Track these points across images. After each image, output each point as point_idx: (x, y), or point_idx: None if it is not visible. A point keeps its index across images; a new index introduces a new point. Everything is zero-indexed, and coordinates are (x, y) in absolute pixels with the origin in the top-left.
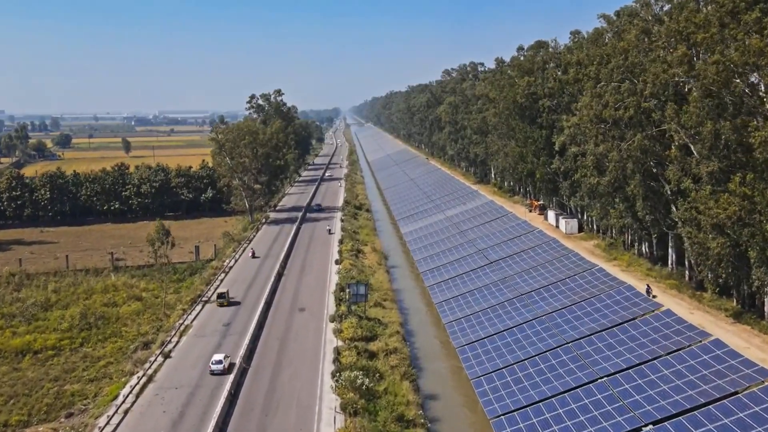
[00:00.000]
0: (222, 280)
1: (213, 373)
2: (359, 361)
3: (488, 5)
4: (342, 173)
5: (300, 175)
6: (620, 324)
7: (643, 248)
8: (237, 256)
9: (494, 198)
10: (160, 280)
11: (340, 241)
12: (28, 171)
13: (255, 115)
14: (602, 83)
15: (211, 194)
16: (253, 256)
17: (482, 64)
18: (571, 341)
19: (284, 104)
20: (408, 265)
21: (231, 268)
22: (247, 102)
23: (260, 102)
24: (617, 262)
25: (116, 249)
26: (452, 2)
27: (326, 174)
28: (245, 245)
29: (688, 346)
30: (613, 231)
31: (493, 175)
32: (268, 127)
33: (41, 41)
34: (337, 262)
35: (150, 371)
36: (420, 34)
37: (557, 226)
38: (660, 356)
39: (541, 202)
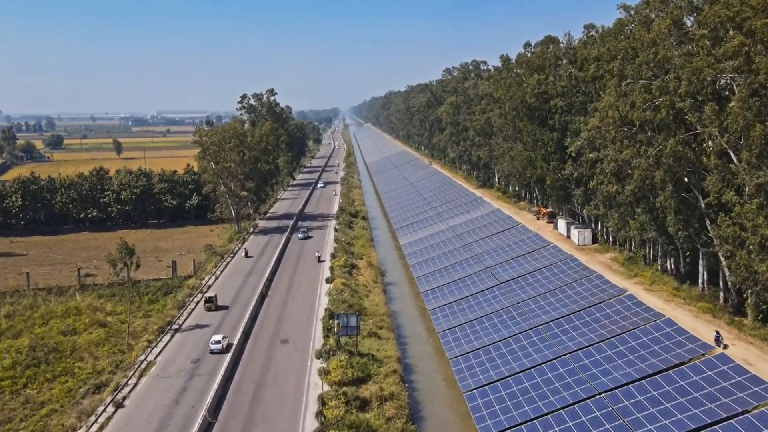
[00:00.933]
0: (198, 302)
1: None
2: (348, 414)
3: (489, 4)
4: (339, 176)
5: (294, 179)
6: (665, 370)
7: (668, 264)
8: (218, 272)
9: (499, 204)
10: (129, 301)
11: (333, 255)
12: (14, 173)
13: (246, 116)
14: (628, 81)
15: (196, 201)
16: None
17: (485, 63)
18: (604, 391)
19: (277, 104)
20: (407, 282)
21: (210, 287)
22: (239, 102)
23: (252, 102)
24: (639, 280)
25: (88, 263)
26: (453, 1)
27: (322, 178)
28: (228, 259)
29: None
30: (632, 243)
31: (496, 180)
32: (257, 128)
33: (40, 41)
34: (328, 281)
35: (95, 428)
36: (420, 33)
37: (569, 236)
38: (726, 418)
39: (550, 209)
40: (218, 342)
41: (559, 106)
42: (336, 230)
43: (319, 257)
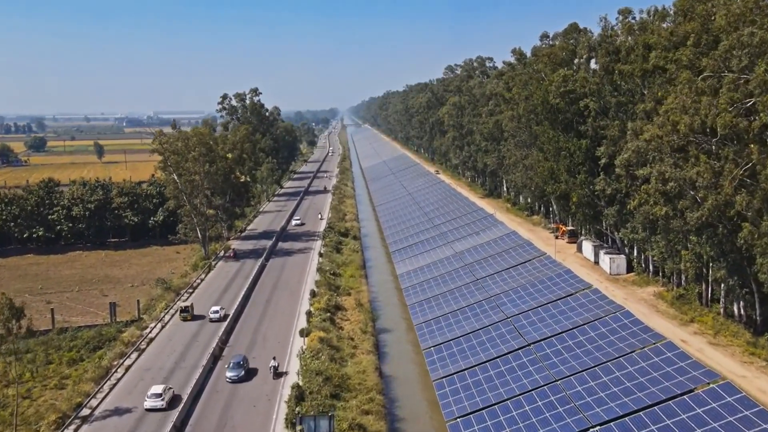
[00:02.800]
0: (129, 368)
1: None
2: None
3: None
4: (331, 183)
5: (282, 187)
6: None
7: (736, 308)
8: (167, 318)
9: (508, 218)
10: (18, 378)
11: (313, 293)
12: None
13: (227, 118)
14: (706, 74)
15: (162, 217)
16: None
17: (491, 60)
18: None
19: (262, 105)
20: (405, 327)
21: (152, 340)
22: (218, 103)
23: (234, 103)
24: (697, 327)
25: (19, 296)
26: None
27: (312, 185)
28: (186, 294)
29: None
30: (682, 277)
31: (505, 189)
32: (231, 133)
33: (38, 41)
34: (302, 333)
35: None
36: (421, 33)
37: (597, 262)
38: None
39: (571, 227)
40: None
41: (593, 108)
42: (321, 255)
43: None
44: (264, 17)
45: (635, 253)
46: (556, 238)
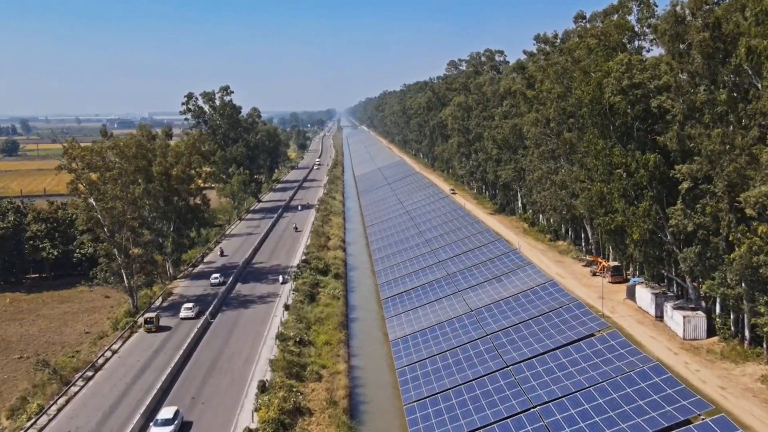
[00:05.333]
0: None
1: None
2: None
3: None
4: (318, 195)
5: (259, 201)
6: None
7: None
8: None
9: (527, 241)
10: None
11: (263, 387)
12: None
13: (194, 122)
14: None
15: (92, 249)
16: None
17: (501, 53)
18: None
19: (234, 106)
20: None
21: None
22: (182, 104)
23: (200, 104)
24: None
25: None
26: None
27: (295, 198)
28: (78, 385)
29: None
30: None
31: (519, 205)
32: (184, 141)
33: (35, 41)
34: None
35: None
36: (421, 32)
37: (660, 317)
38: None
39: (614, 261)
40: None
41: (678, 109)
42: (287, 307)
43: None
44: (263, 20)
45: (717, 309)
46: (594, 274)
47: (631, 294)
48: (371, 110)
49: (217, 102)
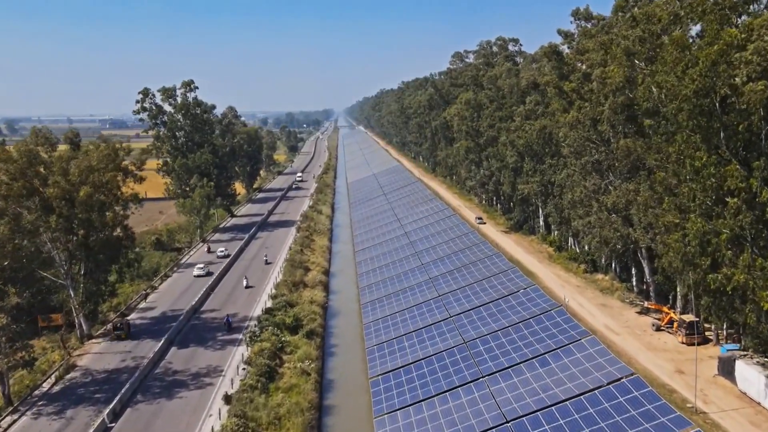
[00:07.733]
0: None
1: None
2: None
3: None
4: (302, 208)
5: (234, 215)
6: None
7: None
8: None
9: (553, 272)
10: None
11: None
12: None
13: (151, 123)
14: None
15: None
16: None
17: (516, 41)
18: None
19: (199, 104)
20: None
21: None
22: (137, 102)
23: (159, 102)
24: None
25: None
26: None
27: (276, 210)
28: None
29: None
30: None
31: (541, 223)
32: (91, 153)
33: (35, 42)
34: None
35: None
36: (422, 32)
37: None
38: None
39: (691, 316)
40: None
41: None
42: (228, 400)
43: None
44: (262, 20)
45: None
46: (658, 329)
47: (726, 370)
48: (368, 110)
49: (179, 99)
